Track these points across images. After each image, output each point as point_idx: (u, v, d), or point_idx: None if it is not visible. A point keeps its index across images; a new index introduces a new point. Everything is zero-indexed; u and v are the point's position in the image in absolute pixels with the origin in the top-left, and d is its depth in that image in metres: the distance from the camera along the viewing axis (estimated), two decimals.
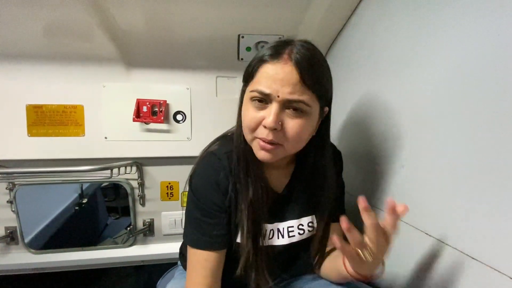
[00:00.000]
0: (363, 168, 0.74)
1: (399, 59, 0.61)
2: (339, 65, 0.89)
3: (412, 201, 0.56)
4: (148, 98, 0.95)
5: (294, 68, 0.45)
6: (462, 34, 0.46)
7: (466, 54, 0.45)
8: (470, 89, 0.44)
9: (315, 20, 0.85)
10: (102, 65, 0.93)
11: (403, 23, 0.61)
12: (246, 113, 0.50)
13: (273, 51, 0.47)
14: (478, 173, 0.42)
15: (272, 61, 0.46)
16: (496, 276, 0.38)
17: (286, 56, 0.46)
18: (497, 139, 0.39)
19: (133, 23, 0.84)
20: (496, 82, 0.40)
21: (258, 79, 0.47)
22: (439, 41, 0.50)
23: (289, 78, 0.45)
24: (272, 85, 0.45)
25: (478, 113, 0.43)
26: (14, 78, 0.90)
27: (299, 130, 0.48)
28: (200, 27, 0.87)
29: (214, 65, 0.99)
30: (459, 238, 0.45)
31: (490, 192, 0.40)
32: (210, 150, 0.58)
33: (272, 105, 0.46)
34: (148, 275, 1.42)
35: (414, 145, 0.56)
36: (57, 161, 0.94)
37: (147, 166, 1.02)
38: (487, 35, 0.42)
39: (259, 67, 0.47)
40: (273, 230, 0.59)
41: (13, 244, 1.02)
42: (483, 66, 0.42)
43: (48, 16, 0.79)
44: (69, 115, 0.93)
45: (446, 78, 0.49)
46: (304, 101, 0.46)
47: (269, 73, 0.46)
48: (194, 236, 0.56)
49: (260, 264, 0.55)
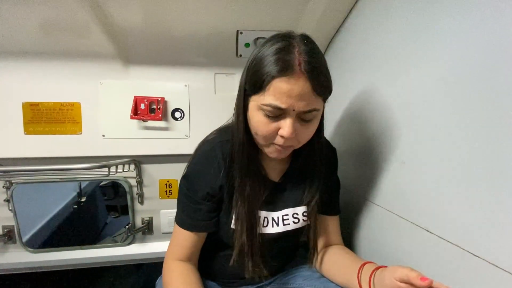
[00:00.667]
0: (361, 164, 0.73)
1: (398, 55, 0.61)
2: (338, 61, 0.88)
3: (413, 197, 0.55)
4: (146, 95, 0.94)
5: (307, 81, 0.45)
6: (461, 30, 0.45)
7: (464, 50, 0.45)
8: (470, 84, 0.44)
9: (314, 16, 0.84)
10: (99, 62, 0.92)
11: (401, 19, 0.60)
12: (259, 124, 0.50)
13: (282, 64, 0.45)
14: (479, 170, 0.42)
15: (285, 76, 0.45)
16: (498, 273, 0.38)
17: (297, 68, 0.45)
18: (498, 134, 0.39)
19: (130, 19, 0.83)
20: (494, 78, 0.40)
21: (272, 93, 0.46)
22: (439, 36, 0.50)
23: (304, 93, 0.46)
24: (288, 101, 0.46)
25: (478, 108, 0.42)
26: (10, 76, 0.88)
27: (311, 133, 0.53)
28: (198, 23, 0.85)
29: (213, 61, 0.98)
30: (460, 234, 0.45)
31: (492, 188, 0.40)
32: (206, 139, 0.62)
33: (287, 118, 0.48)
34: (147, 273, 1.42)
35: (415, 141, 0.55)
36: (54, 159, 0.93)
37: (145, 164, 1.02)
38: (485, 32, 0.41)
39: (271, 82, 0.46)
40: (267, 218, 0.61)
41: (10, 243, 1.01)
42: (481, 62, 0.42)
43: (44, 13, 0.78)
44: (66, 112, 0.92)
45: (446, 74, 0.48)
46: (316, 109, 0.48)
47: (283, 89, 0.45)
48: (179, 215, 0.62)
49: (255, 252, 0.58)
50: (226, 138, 0.59)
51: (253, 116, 0.51)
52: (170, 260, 0.61)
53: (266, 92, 0.47)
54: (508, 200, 0.38)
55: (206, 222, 0.60)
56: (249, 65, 0.50)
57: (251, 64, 0.49)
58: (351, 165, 0.78)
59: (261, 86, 0.47)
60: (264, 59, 0.47)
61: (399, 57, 0.61)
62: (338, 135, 0.85)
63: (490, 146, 0.40)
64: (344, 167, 0.71)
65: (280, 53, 0.46)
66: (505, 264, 0.38)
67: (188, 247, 0.61)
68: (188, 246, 0.61)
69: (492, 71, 0.40)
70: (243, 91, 0.52)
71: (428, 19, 0.52)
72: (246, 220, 0.57)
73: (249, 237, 0.57)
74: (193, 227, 0.60)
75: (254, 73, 0.48)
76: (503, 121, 0.38)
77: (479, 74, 0.42)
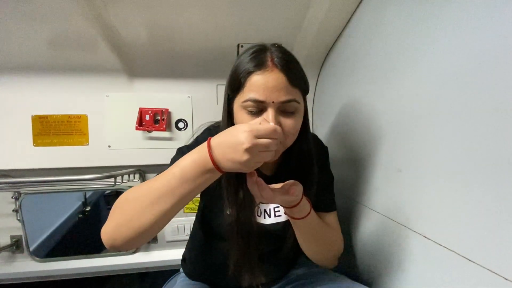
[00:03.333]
0: (358, 170, 0.75)
1: (397, 64, 0.62)
2: (336, 71, 0.90)
3: (409, 203, 0.57)
4: (150, 107, 0.97)
5: (280, 73, 0.49)
6: (459, 37, 0.47)
7: (463, 58, 0.46)
8: (467, 92, 0.45)
9: (312, 28, 0.87)
10: (105, 75, 0.95)
11: (398, 29, 0.62)
12: (242, 121, 0.52)
13: (256, 61, 0.50)
14: (476, 176, 0.43)
15: (259, 71, 0.49)
16: (495, 278, 0.39)
17: (270, 63, 0.49)
18: (494, 142, 0.40)
19: (135, 34, 0.86)
20: (492, 87, 0.41)
21: (249, 89, 0.50)
22: (436, 44, 0.51)
23: (279, 83, 0.49)
24: (265, 93, 0.49)
25: (475, 116, 0.43)
26: (20, 90, 0.92)
27: (295, 125, 0.53)
28: (200, 38, 0.89)
29: (215, 74, 1.01)
30: (456, 240, 0.46)
31: (489, 194, 0.41)
32: (195, 137, 0.65)
33: (268, 111, 0.50)
34: (151, 282, 1.42)
35: (411, 149, 0.57)
36: (62, 170, 0.96)
37: (150, 173, 1.04)
38: (483, 41, 0.43)
39: (247, 78, 0.50)
40: (260, 210, 0.63)
41: (18, 253, 1.03)
42: (479, 72, 0.43)
43: (52, 29, 0.81)
44: (74, 124, 0.96)
45: (444, 81, 0.49)
46: (295, 99, 0.51)
47: (260, 82, 0.49)
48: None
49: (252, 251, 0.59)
50: (217, 125, 0.63)
51: (237, 117, 0.54)
52: None
53: (245, 89, 0.50)
54: (505, 206, 0.38)
55: None
56: (230, 74, 0.55)
57: (231, 72, 0.55)
58: (348, 172, 0.79)
59: (239, 85, 0.51)
60: (240, 63, 0.52)
61: (397, 65, 0.62)
62: (336, 141, 0.87)
63: (486, 152, 0.41)
64: (341, 173, 0.73)
65: (254, 54, 0.51)
66: (501, 270, 0.38)
67: None
68: None
69: (490, 80, 0.41)
70: (226, 98, 0.57)
71: (426, 27, 0.54)
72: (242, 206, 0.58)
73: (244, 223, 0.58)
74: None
75: (233, 75, 0.53)
76: (500, 128, 0.39)
77: (476, 83, 0.43)
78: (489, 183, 0.41)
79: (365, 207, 0.72)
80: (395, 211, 0.61)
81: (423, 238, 0.52)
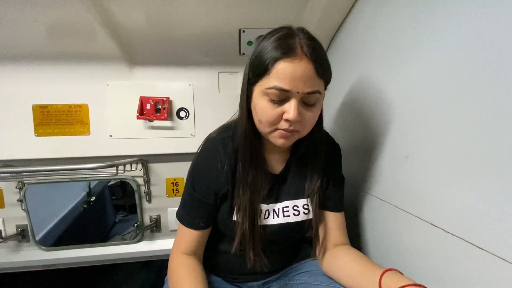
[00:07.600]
0: (365, 159, 0.73)
1: (402, 49, 0.61)
2: (340, 58, 0.88)
3: (416, 190, 0.55)
4: (151, 96, 0.96)
5: (310, 63, 0.47)
6: (461, 22, 0.45)
7: (467, 42, 0.44)
8: (473, 77, 0.43)
9: (316, 13, 0.84)
10: (106, 64, 0.94)
11: (404, 13, 0.60)
12: (263, 109, 0.51)
13: (285, 47, 0.47)
14: (484, 162, 0.42)
15: (288, 58, 0.47)
16: (503, 265, 0.38)
17: (299, 51, 0.47)
18: (503, 127, 0.39)
19: (135, 21, 0.84)
20: (498, 70, 0.39)
21: (276, 76, 0.47)
22: (440, 29, 0.50)
23: (306, 73, 0.47)
24: (292, 82, 0.47)
25: (482, 101, 0.42)
26: (20, 79, 0.91)
27: (314, 117, 0.53)
28: (201, 23, 0.86)
29: (216, 60, 0.99)
30: (464, 227, 0.45)
31: (497, 181, 0.40)
32: (208, 137, 0.63)
33: (292, 101, 0.48)
34: (156, 270, 1.44)
35: (419, 136, 0.55)
36: (64, 159, 0.96)
37: (152, 163, 1.03)
38: (486, 25, 0.41)
39: (274, 64, 0.47)
40: (268, 210, 0.62)
41: (24, 242, 1.04)
42: (483, 54, 0.41)
43: (51, 17, 0.79)
44: (75, 114, 0.95)
45: (448, 67, 0.48)
46: (319, 91, 0.50)
47: (288, 71, 0.47)
48: (179, 211, 0.64)
49: (256, 240, 0.59)
50: (228, 135, 0.60)
51: (257, 103, 0.52)
52: (175, 254, 0.63)
53: (270, 75, 0.48)
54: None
55: (203, 220, 0.62)
56: (252, 56, 0.52)
57: (254, 55, 0.51)
58: (354, 160, 0.78)
59: (265, 70, 0.48)
60: (266, 47, 0.49)
61: (404, 51, 0.60)
62: (342, 130, 0.85)
63: (495, 138, 0.40)
64: (347, 162, 0.71)
65: (282, 39, 0.48)
66: (510, 256, 0.38)
67: (191, 241, 0.62)
68: (191, 241, 0.62)
69: (495, 62, 0.40)
70: (246, 80, 0.53)
71: (431, 12, 0.52)
72: (248, 210, 0.58)
73: (251, 226, 0.58)
74: (190, 224, 0.62)
75: (258, 60, 0.50)
76: (509, 113, 0.38)
77: (481, 66, 0.42)
78: (499, 170, 0.39)
79: (371, 196, 0.70)
80: (402, 199, 0.60)
81: (431, 225, 0.51)
